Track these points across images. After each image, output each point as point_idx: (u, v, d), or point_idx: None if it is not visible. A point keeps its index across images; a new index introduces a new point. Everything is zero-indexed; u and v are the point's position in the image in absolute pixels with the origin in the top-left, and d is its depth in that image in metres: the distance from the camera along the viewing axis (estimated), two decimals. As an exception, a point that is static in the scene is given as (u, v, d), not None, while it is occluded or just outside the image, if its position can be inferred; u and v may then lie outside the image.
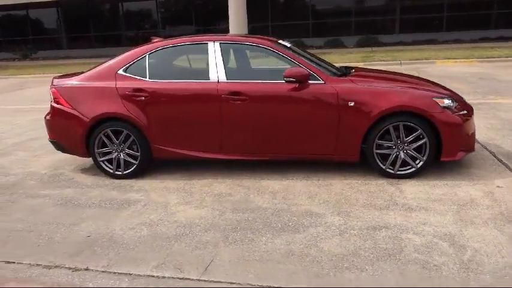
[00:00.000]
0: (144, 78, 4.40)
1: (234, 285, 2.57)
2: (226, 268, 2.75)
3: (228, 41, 4.39)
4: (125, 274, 2.75)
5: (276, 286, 2.55)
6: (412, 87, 4.21)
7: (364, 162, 4.20)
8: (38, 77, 15.22)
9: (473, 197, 3.62)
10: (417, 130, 3.97)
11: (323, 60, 4.78)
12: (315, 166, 4.50)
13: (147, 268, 2.81)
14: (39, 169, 5.02)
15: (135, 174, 4.51)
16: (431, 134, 3.96)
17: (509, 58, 12.59)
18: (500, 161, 4.45)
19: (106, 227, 3.43)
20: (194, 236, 3.20)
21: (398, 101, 3.98)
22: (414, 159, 4.07)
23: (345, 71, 4.64)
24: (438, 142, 3.99)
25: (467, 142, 4.15)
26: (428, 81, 4.68)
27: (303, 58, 4.28)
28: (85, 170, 4.88)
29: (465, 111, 4.16)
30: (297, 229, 3.23)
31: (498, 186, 3.80)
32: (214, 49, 4.32)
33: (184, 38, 4.53)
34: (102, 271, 2.80)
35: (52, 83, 4.70)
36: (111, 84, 4.43)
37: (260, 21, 20.62)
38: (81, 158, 5.05)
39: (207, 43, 4.39)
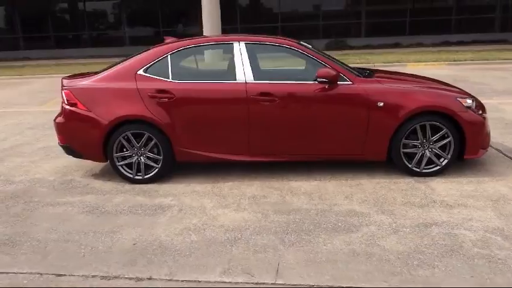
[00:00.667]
0: (166, 79, 4.26)
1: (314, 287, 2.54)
2: (298, 270, 2.71)
3: (253, 41, 4.34)
4: (194, 281, 2.65)
5: (356, 286, 2.54)
6: (436, 88, 4.35)
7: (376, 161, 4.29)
8: None
9: (502, 193, 3.78)
10: (442, 129, 4.11)
11: (342, 62, 4.84)
12: (338, 166, 4.53)
13: (215, 274, 2.72)
14: (44, 175, 4.74)
15: (156, 179, 4.36)
16: (455, 133, 4.11)
17: (474, 61, 13.31)
18: (511, 158, 4.69)
19: (149, 233, 3.29)
20: (248, 239, 3.14)
21: (427, 101, 4.10)
22: (438, 157, 4.20)
23: (363, 72, 4.72)
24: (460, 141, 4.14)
25: (486, 140, 4.34)
26: (441, 82, 4.85)
27: (328, 59, 4.31)
28: (97, 176, 4.65)
29: (481, 111, 4.35)
30: (350, 229, 3.24)
31: (520, 182, 4.01)
32: (239, 49, 4.26)
33: (207, 38, 4.44)
34: (168, 279, 2.68)
35: (63, 84, 4.45)
36: (131, 85, 4.26)
37: (229, 24, 20.54)
38: (86, 163, 4.86)
39: (232, 43, 4.32)
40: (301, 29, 21.36)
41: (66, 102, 4.37)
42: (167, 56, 4.32)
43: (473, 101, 4.27)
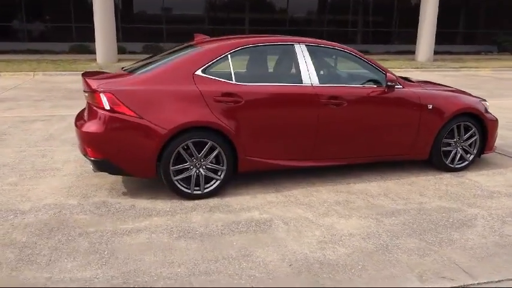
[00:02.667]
0: (230, 81, 3.85)
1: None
2: (483, 268, 2.79)
3: (313, 43, 4.21)
4: (406, 294, 2.51)
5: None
6: (462, 93, 4.85)
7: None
8: None
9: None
10: (472, 129, 4.64)
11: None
12: (376, 166, 4.68)
13: (412, 281, 2.61)
14: (59, 200, 3.79)
15: (215, 192, 3.89)
16: (480, 131, 4.68)
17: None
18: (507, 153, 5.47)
19: (289, 251, 2.95)
20: (395, 245, 3.07)
21: (463, 103, 4.57)
22: (466, 153, 4.72)
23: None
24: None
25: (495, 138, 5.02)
26: (459, 89, 5.34)
27: (378, 63, 4.44)
28: (128, 194, 3.92)
29: None
30: (465, 223, 3.43)
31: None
32: (301, 51, 4.10)
33: (266, 37, 4.14)
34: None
35: (95, 86, 3.64)
36: (191, 87, 3.73)
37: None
38: (89, 180, 4.15)
39: (293, 44, 4.13)
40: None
41: (107, 108, 3.58)
42: (227, 55, 3.90)
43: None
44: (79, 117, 4.08)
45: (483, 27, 24.87)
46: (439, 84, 5.10)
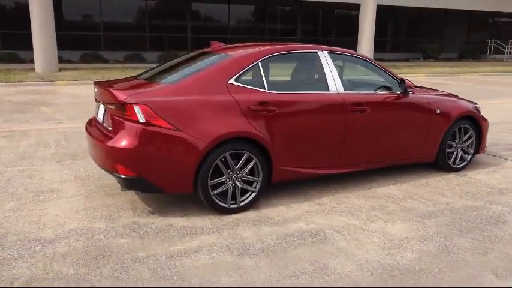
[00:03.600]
0: (263, 89, 3.75)
1: None
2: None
3: (334, 51, 4.24)
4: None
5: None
6: (456, 97, 5.15)
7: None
8: None
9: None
10: (470, 130, 4.96)
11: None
12: (385, 171, 4.80)
13: (491, 281, 2.71)
14: (83, 224, 3.42)
15: (251, 205, 3.76)
16: (476, 133, 5.01)
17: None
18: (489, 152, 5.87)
19: (363, 260, 2.92)
20: (456, 245, 3.17)
21: (463, 108, 4.86)
22: (465, 154, 5.02)
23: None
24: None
25: (486, 138, 5.39)
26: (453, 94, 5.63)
27: (390, 71, 4.58)
28: (156, 212, 3.66)
29: None
30: (500, 219, 3.63)
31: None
32: (325, 58, 4.12)
33: (292, 45, 4.10)
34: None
35: (129, 97, 3.35)
36: (226, 97, 3.58)
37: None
38: (106, 199, 3.88)
39: (316, 52, 4.13)
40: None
41: (142, 121, 3.31)
42: (258, 63, 3.80)
43: (479, 108, 5.27)
44: (95, 130, 3.75)
45: (409, 36, 26.84)
46: (435, 90, 5.39)
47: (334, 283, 2.65)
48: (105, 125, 3.67)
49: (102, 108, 3.81)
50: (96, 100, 4.03)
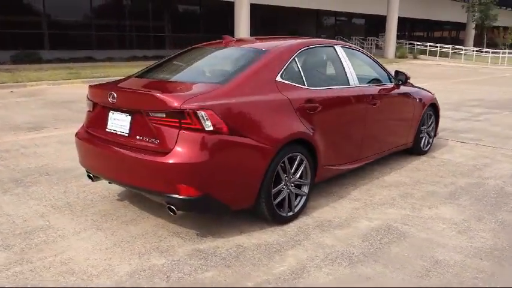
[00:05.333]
0: (303, 86, 3.52)
1: None
2: None
3: (346, 46, 4.20)
4: None
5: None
6: (420, 88, 5.61)
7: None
8: None
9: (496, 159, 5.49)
10: (432, 116, 5.48)
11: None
12: (376, 161, 4.96)
13: None
14: (139, 265, 2.75)
15: (302, 210, 3.52)
16: (435, 118, 5.57)
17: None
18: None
19: (461, 248, 2.98)
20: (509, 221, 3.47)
21: (431, 97, 5.34)
22: (429, 137, 5.53)
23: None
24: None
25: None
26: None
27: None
28: (207, 236, 3.16)
29: None
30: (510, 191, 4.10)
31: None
32: (342, 53, 4.07)
33: (313, 40, 3.91)
34: None
35: (187, 101, 2.78)
36: (277, 95, 3.26)
37: None
38: (130, 229, 3.37)
39: (333, 46, 4.05)
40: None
41: (209, 129, 2.79)
42: (294, 58, 3.55)
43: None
44: (113, 144, 3.06)
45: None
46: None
47: (465, 274, 2.65)
48: (138, 137, 2.98)
49: (124, 117, 3.08)
50: (103, 107, 3.25)
